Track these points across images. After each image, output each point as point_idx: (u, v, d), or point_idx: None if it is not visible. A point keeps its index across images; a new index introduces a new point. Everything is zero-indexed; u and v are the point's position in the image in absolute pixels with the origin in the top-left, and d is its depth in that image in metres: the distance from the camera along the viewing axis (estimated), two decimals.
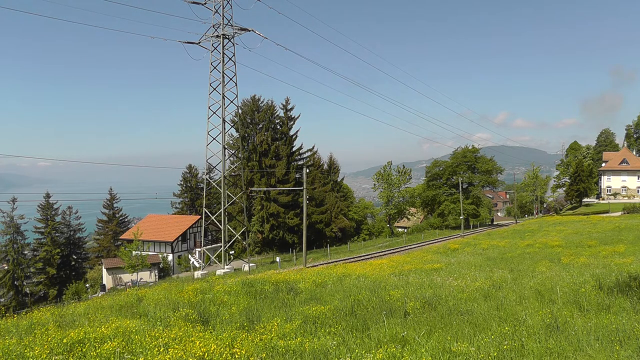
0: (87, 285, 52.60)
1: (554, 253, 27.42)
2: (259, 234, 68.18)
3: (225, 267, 43.55)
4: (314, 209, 69.79)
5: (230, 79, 44.32)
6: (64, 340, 7.95)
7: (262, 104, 74.26)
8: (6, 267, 55.62)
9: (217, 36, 43.21)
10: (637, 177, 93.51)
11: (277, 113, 74.13)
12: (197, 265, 53.81)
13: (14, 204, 55.15)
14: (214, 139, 44.31)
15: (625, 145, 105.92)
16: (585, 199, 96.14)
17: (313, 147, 78.84)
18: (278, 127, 74.21)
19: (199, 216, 63.65)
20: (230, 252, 48.09)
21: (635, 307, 9.55)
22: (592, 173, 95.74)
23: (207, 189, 51.53)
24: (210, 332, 8.72)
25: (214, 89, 44.19)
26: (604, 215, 68.84)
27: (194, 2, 42.82)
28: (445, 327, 8.69)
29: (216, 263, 46.54)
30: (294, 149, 74.81)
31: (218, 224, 46.27)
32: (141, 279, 47.96)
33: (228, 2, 43.00)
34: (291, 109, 74.62)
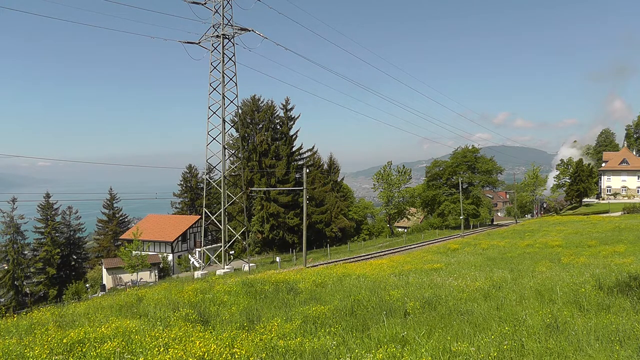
0: (87, 285, 52.60)
1: (554, 253, 27.43)
2: (259, 234, 68.17)
3: (225, 267, 43.54)
4: (314, 209, 69.78)
5: (230, 79, 44.35)
6: (64, 340, 7.95)
7: (262, 104, 74.29)
8: (6, 267, 55.61)
9: (217, 36, 43.20)
10: (637, 177, 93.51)
11: (277, 113, 74.19)
12: (197, 265, 53.79)
13: (14, 204, 55.17)
14: (214, 139, 44.32)
15: (625, 145, 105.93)
16: (585, 199, 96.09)
17: (313, 147, 78.97)
18: (278, 127, 74.23)
19: (199, 216, 63.66)
20: (230, 252, 48.08)
21: (635, 307, 9.55)
22: (592, 173, 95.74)
23: (207, 189, 51.52)
24: (210, 332, 8.72)
25: (214, 89, 44.19)
26: (604, 215, 68.82)
27: (194, 2, 42.81)
28: (445, 327, 8.69)
29: (216, 263, 46.52)
30: (294, 149, 74.81)
31: (218, 224, 46.27)
32: (141, 279, 47.95)
33: (228, 2, 43.00)
34: (291, 109, 74.71)
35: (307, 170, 43.52)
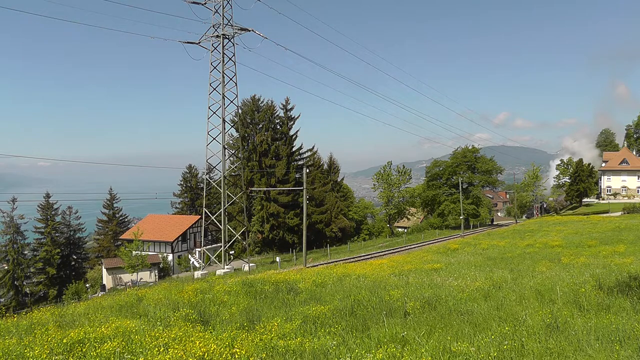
0: (87, 285, 52.60)
1: (554, 253, 27.43)
2: (259, 234, 68.18)
3: (225, 267, 43.54)
4: (314, 209, 69.78)
5: (230, 79, 44.35)
6: (64, 340, 7.94)
7: (262, 104, 74.31)
8: (6, 267, 55.63)
9: (217, 36, 43.19)
10: (637, 177, 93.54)
11: (277, 113, 74.19)
12: (197, 265, 53.79)
13: (14, 204, 55.20)
14: (214, 139, 44.32)
15: (625, 145, 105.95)
16: (585, 199, 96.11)
17: (313, 147, 78.95)
18: (278, 127, 74.23)
19: (199, 216, 63.65)
20: (230, 252, 48.08)
21: (635, 307, 9.55)
22: (592, 173, 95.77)
23: (207, 189, 51.52)
24: (210, 332, 8.72)
25: (214, 89, 44.19)
26: (604, 215, 68.82)
27: (194, 2, 42.81)
28: (445, 327, 8.69)
29: (216, 263, 46.53)
30: (294, 149, 74.81)
31: (218, 224, 46.26)
32: (141, 279, 47.96)
33: (228, 2, 42.99)
34: (291, 109, 74.72)
35: (307, 170, 43.53)
